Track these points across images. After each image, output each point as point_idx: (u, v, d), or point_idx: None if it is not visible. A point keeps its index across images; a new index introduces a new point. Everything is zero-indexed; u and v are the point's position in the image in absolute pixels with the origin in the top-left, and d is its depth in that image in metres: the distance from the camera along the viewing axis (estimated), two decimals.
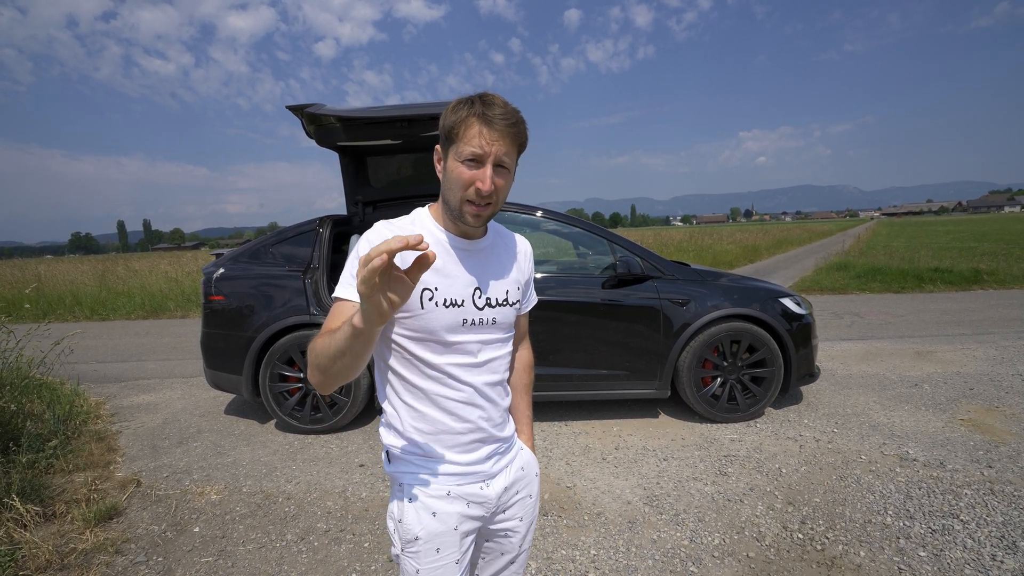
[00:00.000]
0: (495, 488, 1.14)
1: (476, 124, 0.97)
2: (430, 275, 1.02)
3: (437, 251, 1.03)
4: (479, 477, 1.11)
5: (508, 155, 1.01)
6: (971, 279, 10.20)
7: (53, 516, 2.65)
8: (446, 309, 1.04)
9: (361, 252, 0.97)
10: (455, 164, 1.00)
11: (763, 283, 3.96)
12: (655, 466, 3.11)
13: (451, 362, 1.07)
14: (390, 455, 1.12)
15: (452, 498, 1.08)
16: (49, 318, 10.08)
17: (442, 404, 1.07)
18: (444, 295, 1.04)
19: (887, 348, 5.61)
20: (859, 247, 18.78)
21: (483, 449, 1.12)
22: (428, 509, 1.06)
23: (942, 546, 2.23)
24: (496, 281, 1.12)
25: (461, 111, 1.00)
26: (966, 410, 3.75)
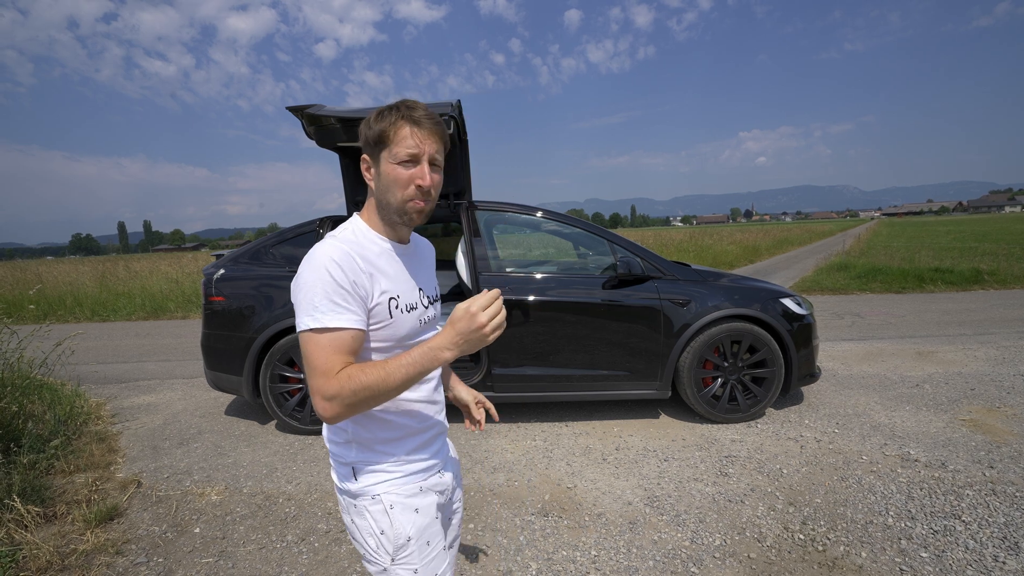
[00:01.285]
0: (447, 476, 1.23)
1: (406, 126, 1.02)
2: (389, 283, 1.07)
3: (386, 259, 1.09)
4: (436, 468, 1.19)
5: (438, 152, 1.06)
6: (972, 279, 10.19)
7: (54, 517, 2.65)
8: (408, 314, 1.09)
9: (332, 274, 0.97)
10: (391, 167, 1.03)
11: (764, 283, 3.96)
12: (656, 467, 3.10)
13: None
14: (356, 471, 1.10)
15: (425, 492, 1.14)
16: (50, 319, 10.09)
17: (406, 408, 1.12)
18: (405, 301, 1.09)
19: (888, 348, 5.61)
20: (859, 247, 18.77)
21: (438, 441, 1.21)
22: (411, 508, 1.10)
23: (944, 547, 2.22)
24: (428, 280, 1.21)
25: (388, 117, 1.04)
26: (967, 410, 3.74)
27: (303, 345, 0.98)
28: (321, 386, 0.94)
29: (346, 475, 1.11)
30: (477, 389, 3.65)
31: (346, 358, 0.97)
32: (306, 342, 0.97)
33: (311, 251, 1.02)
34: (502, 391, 3.66)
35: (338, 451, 1.12)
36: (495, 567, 2.24)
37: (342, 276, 0.98)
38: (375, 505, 1.09)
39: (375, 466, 1.10)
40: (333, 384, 0.93)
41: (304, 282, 0.98)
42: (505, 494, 2.85)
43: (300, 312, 0.98)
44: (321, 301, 0.97)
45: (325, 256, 0.99)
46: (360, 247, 1.06)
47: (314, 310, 0.97)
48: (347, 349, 0.98)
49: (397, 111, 1.03)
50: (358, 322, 1.00)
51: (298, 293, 1.00)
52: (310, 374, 0.96)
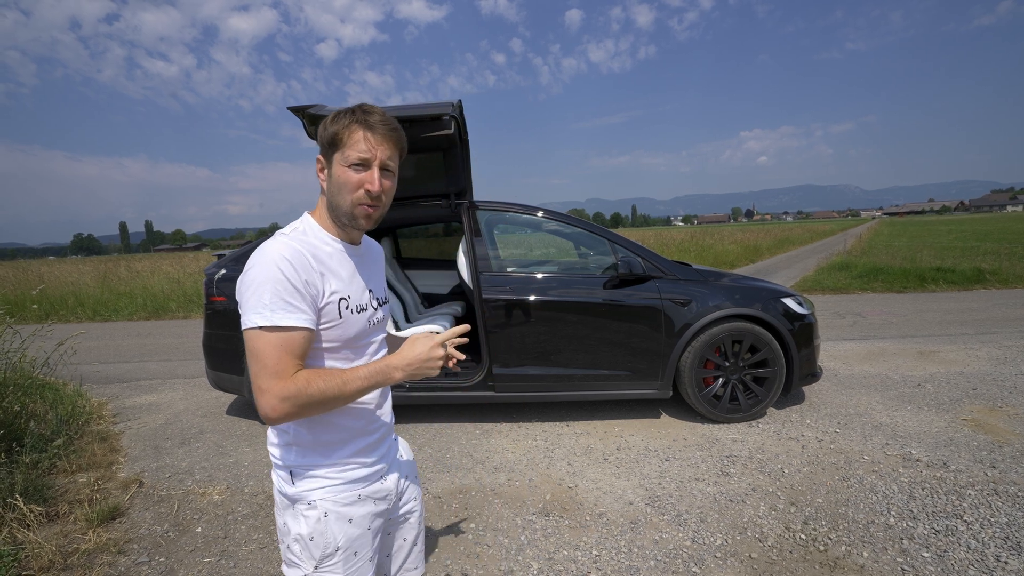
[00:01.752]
0: (391, 480, 1.20)
1: (359, 130, 1.02)
2: (340, 284, 1.07)
3: (337, 260, 1.09)
4: (379, 474, 1.17)
5: (391, 159, 1.06)
6: (974, 278, 10.17)
7: (56, 516, 2.66)
8: (358, 314, 1.10)
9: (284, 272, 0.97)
10: (342, 170, 1.04)
11: (765, 283, 3.96)
12: (657, 466, 3.10)
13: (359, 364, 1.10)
14: (294, 476, 1.09)
15: (363, 501, 1.12)
16: (51, 319, 10.11)
17: (354, 411, 1.11)
18: (355, 302, 1.09)
19: (890, 348, 5.60)
20: (861, 247, 18.75)
21: (384, 444, 1.19)
22: (345, 517, 1.09)
23: (946, 547, 2.22)
24: (377, 282, 1.22)
25: (343, 119, 1.04)
26: (969, 410, 3.74)
27: (250, 343, 0.96)
28: (273, 386, 0.93)
29: (285, 478, 1.10)
30: (478, 389, 3.67)
31: (297, 360, 0.97)
32: (255, 340, 0.95)
33: (261, 248, 1.01)
34: (503, 391, 3.66)
35: (278, 453, 1.11)
36: (496, 567, 2.24)
37: (295, 275, 0.98)
38: (310, 511, 1.07)
39: (314, 471, 1.08)
40: (290, 386, 0.94)
41: (254, 279, 0.97)
42: (506, 494, 2.85)
43: (248, 309, 0.96)
44: (272, 299, 0.95)
45: (277, 254, 0.98)
46: (312, 246, 1.05)
47: (264, 308, 0.95)
48: (298, 350, 0.98)
49: (352, 115, 1.04)
50: (309, 322, 0.99)
51: (247, 290, 0.98)
52: (258, 373, 0.95)
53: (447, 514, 2.67)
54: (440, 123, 3.26)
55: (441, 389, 3.72)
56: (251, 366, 0.96)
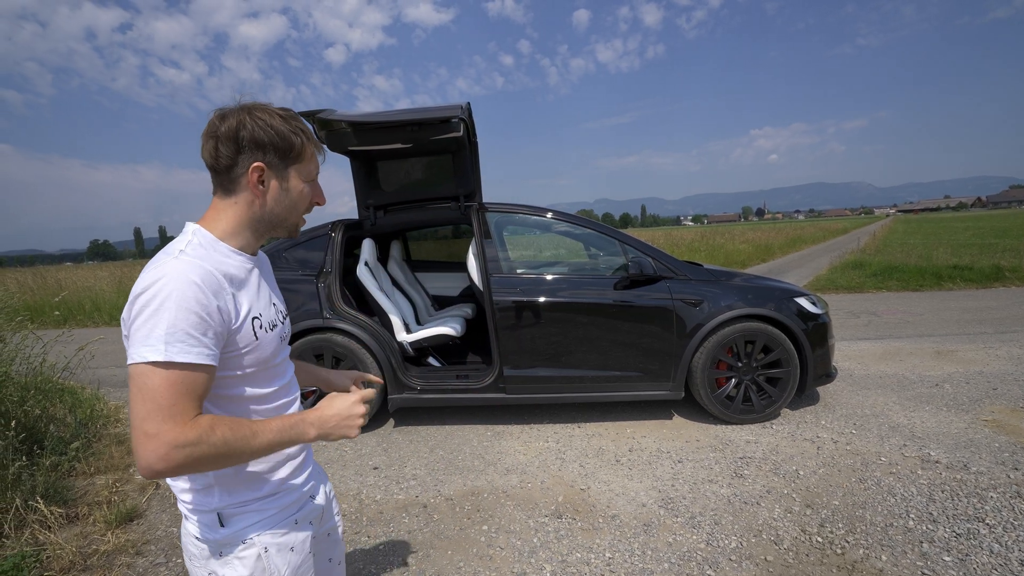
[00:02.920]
0: (320, 499, 1.16)
1: (311, 147, 1.02)
2: (252, 302, 0.98)
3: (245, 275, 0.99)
4: (308, 493, 1.12)
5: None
6: (992, 276, 9.98)
7: (76, 518, 2.71)
8: (271, 332, 1.03)
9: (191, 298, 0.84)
10: (300, 184, 1.02)
11: (777, 282, 3.91)
12: (670, 468, 3.08)
13: (279, 386, 1.06)
14: (223, 518, 0.97)
15: (300, 525, 1.06)
16: (70, 324, 10.30)
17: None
18: (266, 319, 1.02)
19: (906, 347, 5.51)
20: (875, 245, 18.49)
21: (309, 467, 1.14)
22: (286, 547, 1.02)
23: (967, 551, 2.18)
24: (277, 292, 1.15)
25: (301, 135, 1.00)
26: (990, 411, 3.67)
27: (139, 379, 0.80)
28: (166, 432, 0.78)
29: (210, 523, 0.97)
30: (489, 391, 3.67)
31: (196, 403, 0.84)
32: (144, 376, 0.80)
33: (158, 268, 0.86)
34: (514, 392, 3.66)
35: (196, 499, 0.97)
36: (509, 569, 2.24)
37: (204, 302, 0.85)
38: (247, 550, 0.97)
39: (245, 507, 0.98)
40: (189, 432, 0.80)
41: (147, 304, 0.82)
42: (518, 496, 2.85)
43: (138, 341, 0.81)
44: (172, 330, 0.81)
45: (184, 277, 0.85)
46: (219, 263, 0.93)
47: (160, 340, 0.81)
48: (199, 391, 0.85)
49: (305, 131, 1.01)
50: (212, 358, 0.86)
51: (138, 316, 0.83)
52: (148, 415, 0.79)
53: (459, 516, 2.67)
54: (449, 126, 3.28)
55: (452, 391, 3.73)
56: (136, 407, 0.80)
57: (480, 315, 4.69)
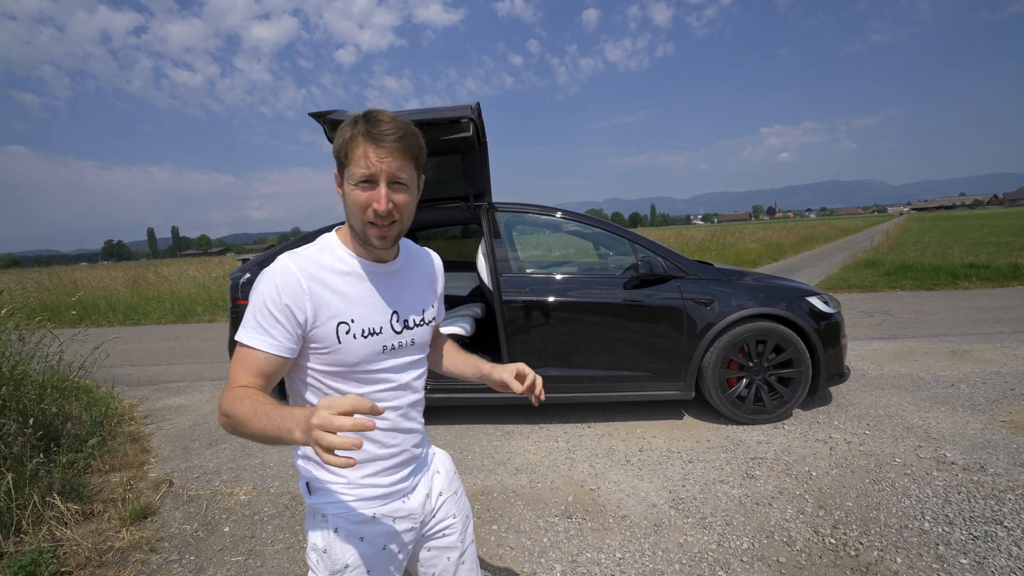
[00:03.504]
0: (416, 499, 1.14)
1: (362, 144, 0.94)
2: (344, 306, 1.00)
3: (347, 281, 1.02)
4: (400, 494, 1.12)
5: (403, 170, 0.97)
6: (1009, 274, 9.80)
7: (91, 515, 2.75)
8: (364, 340, 1.02)
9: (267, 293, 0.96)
10: (350, 188, 0.97)
11: (789, 281, 3.88)
12: (680, 468, 3.06)
13: (373, 391, 1.05)
14: (311, 487, 1.08)
15: (378, 520, 1.07)
16: (85, 323, 10.47)
17: (369, 436, 1.06)
18: (361, 325, 1.02)
19: (920, 347, 5.43)
20: (888, 243, 18.25)
21: (405, 469, 1.13)
22: (356, 535, 1.05)
23: (985, 553, 2.14)
24: (413, 302, 1.11)
25: (346, 132, 0.96)
26: (1007, 411, 3.60)
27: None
28: (222, 397, 0.94)
29: (303, 488, 1.10)
30: None
31: (253, 378, 0.96)
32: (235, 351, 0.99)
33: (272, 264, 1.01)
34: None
35: (299, 464, 1.10)
36: (519, 568, 2.23)
37: (276, 298, 0.96)
38: (324, 523, 1.06)
39: (326, 485, 1.06)
40: (224, 398, 0.92)
41: (251, 293, 1.00)
42: (528, 495, 2.85)
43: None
44: (250, 318, 0.97)
45: (269, 273, 0.98)
46: (318, 265, 1.01)
47: (245, 324, 0.97)
48: (256, 369, 0.96)
49: (355, 126, 0.96)
50: (274, 347, 0.96)
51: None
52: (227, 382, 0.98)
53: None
54: (458, 126, 3.28)
55: (462, 391, 3.74)
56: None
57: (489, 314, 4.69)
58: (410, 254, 1.16)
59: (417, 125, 1.06)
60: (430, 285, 1.19)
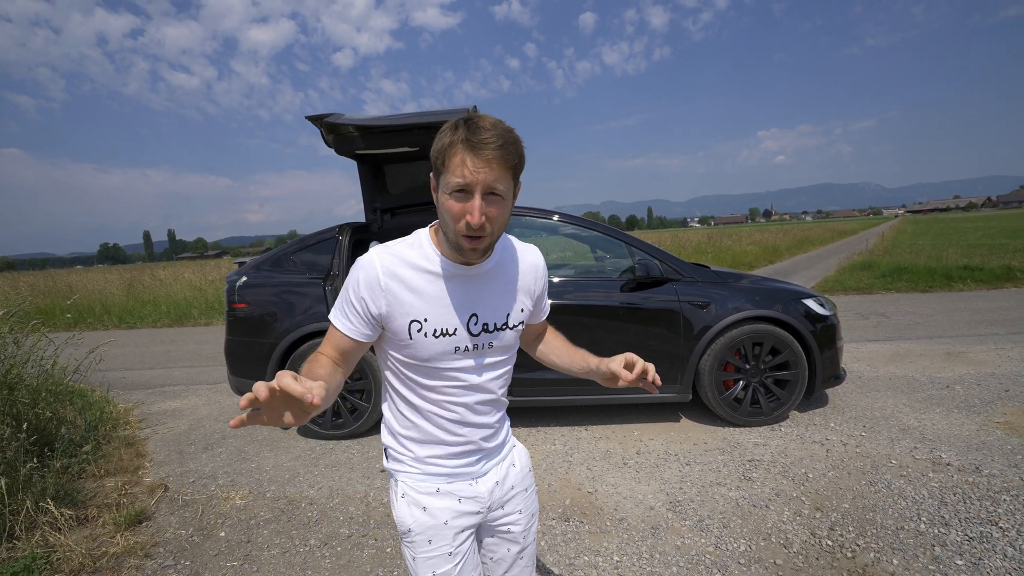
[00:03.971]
0: (485, 484, 1.17)
1: (460, 152, 0.91)
2: (418, 305, 1.03)
3: (426, 280, 1.04)
4: (468, 476, 1.15)
5: (499, 181, 0.93)
6: (1003, 276, 9.87)
7: (86, 520, 2.73)
8: (435, 339, 1.04)
9: (351, 283, 1.04)
10: (444, 197, 0.95)
11: (785, 284, 3.89)
12: (677, 471, 3.06)
13: (444, 386, 1.08)
14: (387, 453, 1.18)
15: (442, 495, 1.12)
16: (80, 326, 10.40)
17: (435, 421, 1.10)
18: (433, 325, 1.03)
19: (916, 349, 5.45)
20: (884, 246, 18.33)
21: (471, 456, 1.15)
22: (418, 504, 1.11)
23: (980, 554, 2.15)
24: (495, 305, 1.09)
25: (445, 137, 0.94)
26: (1002, 412, 3.62)
27: None
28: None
29: (383, 453, 1.20)
30: None
31: (332, 351, 1.06)
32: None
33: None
34: (520, 395, 3.65)
35: (382, 431, 1.20)
36: None
37: (356, 290, 1.03)
38: (394, 488, 1.16)
39: (399, 455, 1.15)
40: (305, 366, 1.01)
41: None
42: None
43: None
44: (339, 299, 1.07)
45: (357, 264, 1.06)
46: (401, 262, 1.04)
47: (336, 303, 1.09)
48: (334, 344, 1.07)
49: (455, 132, 0.92)
50: (351, 330, 1.05)
51: None
52: None
53: None
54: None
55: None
56: None
57: None
58: (505, 254, 1.13)
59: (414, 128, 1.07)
60: (522, 286, 1.15)
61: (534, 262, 1.19)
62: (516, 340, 1.17)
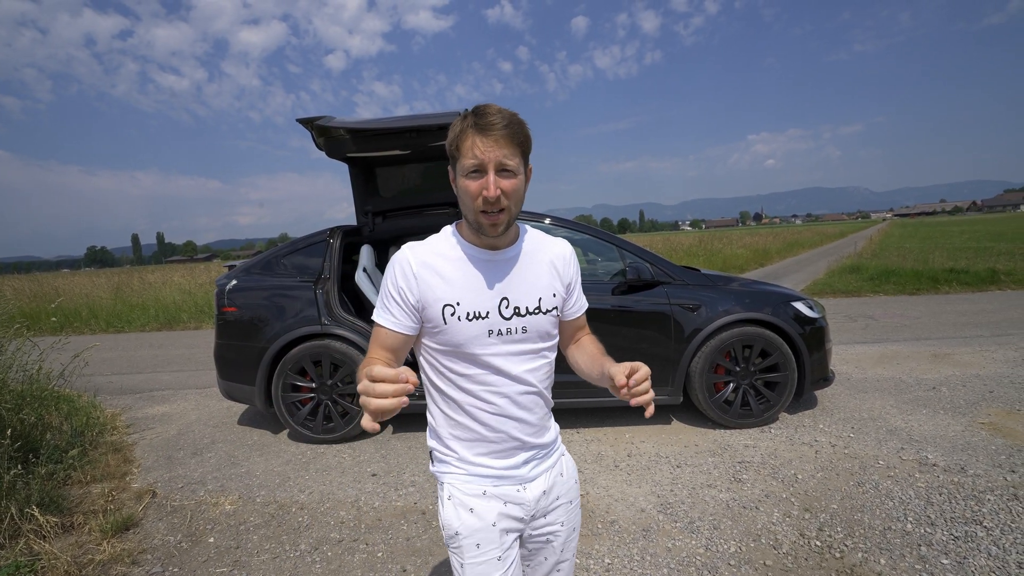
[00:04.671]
0: (532, 492, 1.15)
1: (470, 136, 0.99)
2: (448, 290, 1.07)
3: (455, 266, 1.08)
4: (516, 480, 1.13)
5: (510, 157, 1.00)
6: (988, 279, 10.03)
7: (71, 527, 2.69)
8: (469, 322, 1.06)
9: (388, 278, 1.09)
10: (462, 180, 1.02)
11: (774, 287, 3.93)
12: (668, 473, 3.08)
13: (481, 374, 1.09)
14: (433, 456, 1.18)
15: (488, 497, 1.11)
16: (66, 331, 10.25)
17: (475, 415, 1.10)
18: (467, 308, 1.06)
19: (903, 351, 5.53)
20: (872, 249, 18.56)
21: (520, 455, 1.14)
22: (465, 506, 1.11)
23: (965, 553, 2.18)
24: (526, 289, 1.12)
25: (456, 127, 1.03)
26: (986, 413, 3.68)
27: None
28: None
29: (430, 456, 1.20)
30: None
31: (379, 351, 1.09)
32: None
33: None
34: None
35: (428, 434, 1.20)
36: None
37: (394, 281, 1.08)
38: (441, 491, 1.15)
39: (445, 457, 1.14)
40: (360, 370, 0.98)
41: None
42: None
43: None
44: (379, 300, 1.12)
45: (391, 261, 1.10)
46: (430, 252, 1.09)
47: (377, 307, 1.12)
48: (380, 343, 1.09)
49: (464, 120, 1.02)
50: (394, 324, 1.08)
51: None
52: None
53: None
54: (447, 132, 3.30)
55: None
56: None
57: None
58: (535, 243, 1.18)
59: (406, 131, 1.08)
60: (552, 271, 1.17)
61: (563, 250, 1.22)
62: (553, 328, 1.18)
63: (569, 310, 1.25)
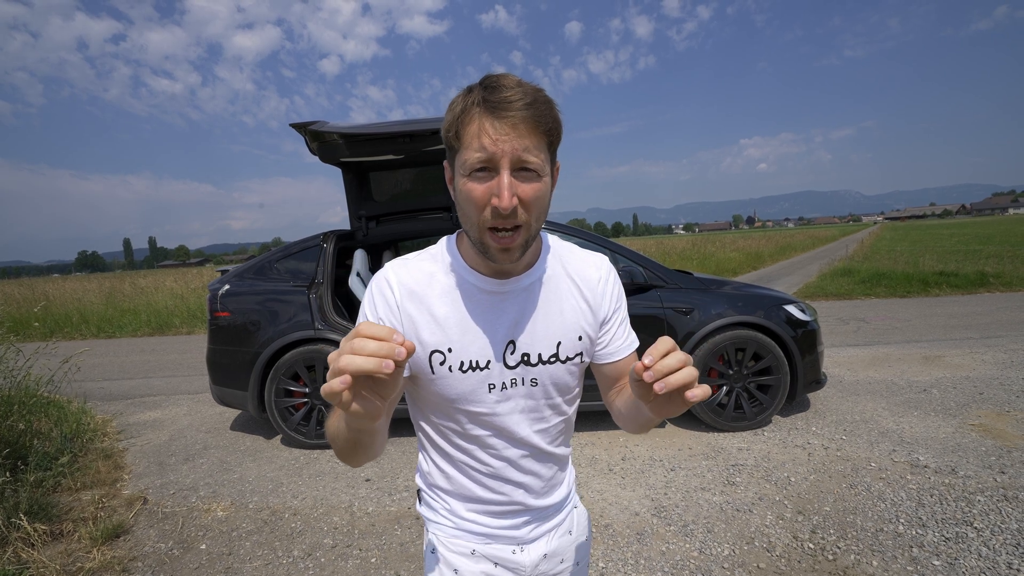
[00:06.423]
0: (531, 555, 0.93)
1: (477, 118, 0.69)
2: (438, 333, 0.81)
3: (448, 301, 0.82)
4: (512, 541, 0.92)
5: (532, 151, 0.70)
6: (977, 282, 10.14)
7: (60, 535, 2.65)
8: (463, 374, 0.81)
9: (365, 305, 0.84)
10: (463, 181, 0.72)
11: (767, 290, 3.96)
12: (662, 476, 3.08)
13: (480, 434, 0.86)
14: (420, 496, 0.99)
15: (477, 557, 0.91)
16: (56, 336, 10.16)
17: (469, 474, 0.90)
18: (460, 357, 0.81)
19: (894, 353, 5.57)
20: (863, 252, 18.73)
21: (520, 517, 0.92)
22: (450, 565, 0.91)
23: (956, 554, 2.20)
24: (541, 331, 0.84)
25: (457, 105, 0.72)
26: (976, 415, 3.71)
27: None
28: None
29: (416, 496, 1.01)
30: None
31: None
32: None
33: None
34: None
35: (416, 473, 1.00)
36: None
37: (372, 310, 0.83)
38: (427, 534, 0.97)
39: (432, 503, 0.95)
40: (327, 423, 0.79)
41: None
42: None
43: None
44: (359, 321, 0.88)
45: (371, 283, 0.85)
46: (420, 279, 0.83)
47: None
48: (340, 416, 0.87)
49: (469, 94, 0.71)
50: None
51: None
52: None
53: None
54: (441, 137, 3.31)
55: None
56: None
57: None
58: (559, 264, 0.88)
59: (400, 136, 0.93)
60: (581, 307, 0.87)
61: (597, 273, 0.90)
62: (575, 381, 0.90)
63: (602, 350, 0.92)
